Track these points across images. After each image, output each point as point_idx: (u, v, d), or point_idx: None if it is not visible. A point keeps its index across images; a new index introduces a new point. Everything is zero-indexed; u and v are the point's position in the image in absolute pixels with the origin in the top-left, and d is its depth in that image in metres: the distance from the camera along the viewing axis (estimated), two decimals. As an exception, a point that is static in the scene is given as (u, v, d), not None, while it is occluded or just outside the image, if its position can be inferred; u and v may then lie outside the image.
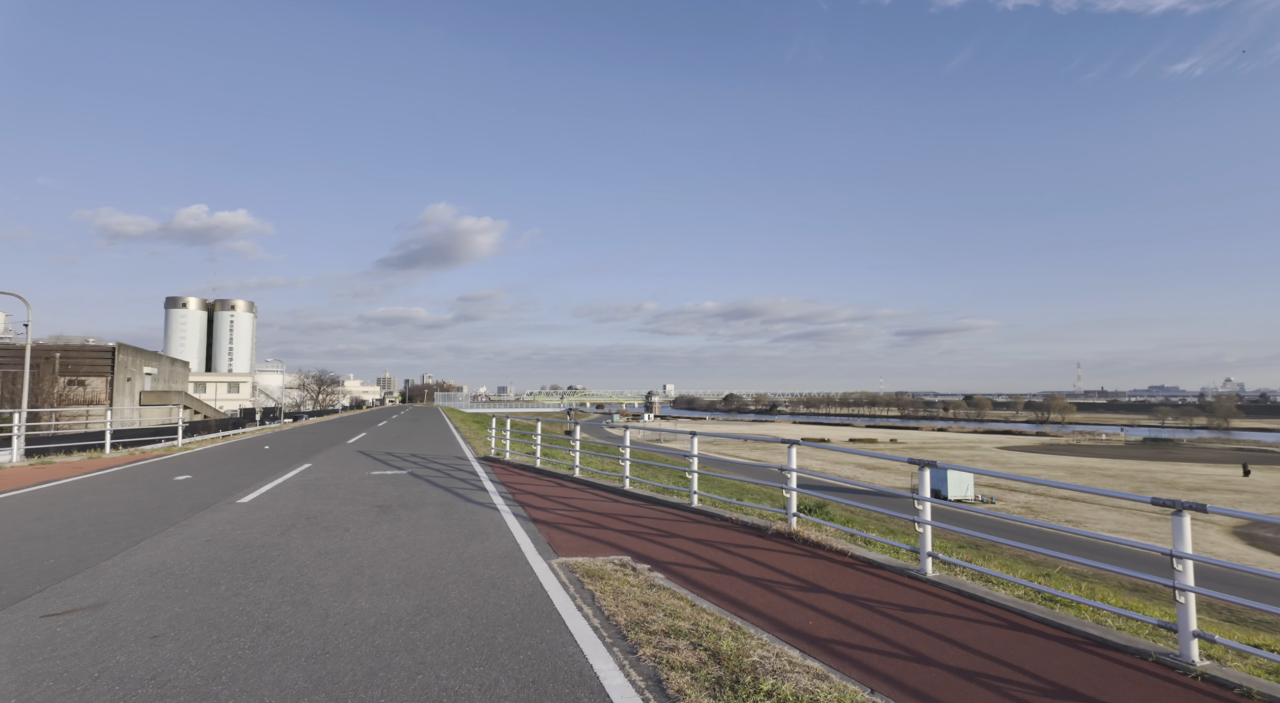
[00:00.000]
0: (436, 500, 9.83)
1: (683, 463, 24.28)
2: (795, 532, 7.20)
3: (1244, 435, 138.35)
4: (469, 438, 25.06)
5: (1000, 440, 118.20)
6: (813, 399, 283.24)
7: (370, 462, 15.64)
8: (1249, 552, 34.24)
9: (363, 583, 5.51)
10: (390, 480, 12.16)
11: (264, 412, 57.47)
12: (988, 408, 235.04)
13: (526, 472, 13.48)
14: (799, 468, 7.52)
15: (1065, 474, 66.57)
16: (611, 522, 8.19)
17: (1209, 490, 54.28)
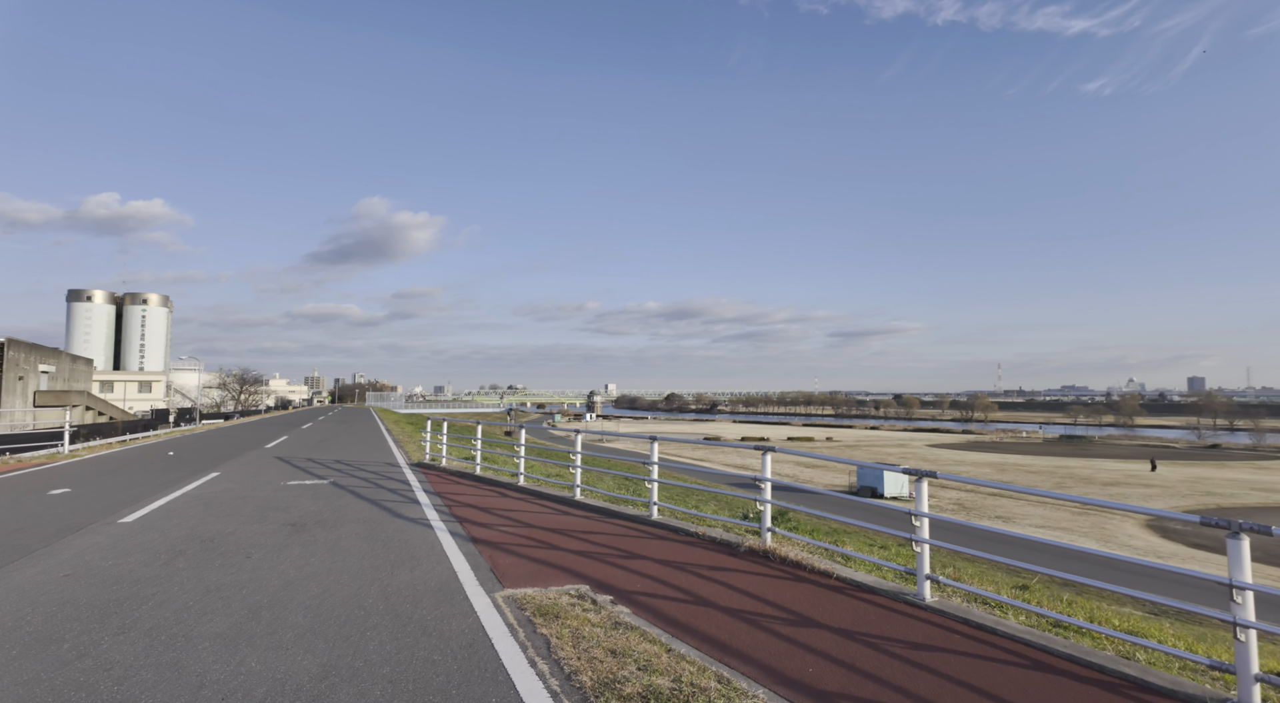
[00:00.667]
0: (361, 516, 8.65)
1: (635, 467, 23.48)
2: (770, 549, 6.45)
3: (1147, 432, 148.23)
4: (402, 441, 23.51)
5: (929, 438, 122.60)
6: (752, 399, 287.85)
7: (288, 470, 14.13)
8: (1163, 544, 36.05)
9: (258, 632, 4.42)
10: (309, 492, 10.82)
11: (179, 413, 53.47)
12: (916, 407, 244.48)
13: (465, 480, 12.35)
14: (739, 467, 6.80)
15: (992, 471, 69.23)
16: (564, 540, 7.26)
17: (1123, 485, 57.37)
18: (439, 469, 13.87)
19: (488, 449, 13.24)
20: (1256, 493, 52.90)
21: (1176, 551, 34.27)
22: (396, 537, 7.38)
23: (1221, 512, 46.44)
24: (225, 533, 7.60)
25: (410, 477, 12.85)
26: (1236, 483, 59.46)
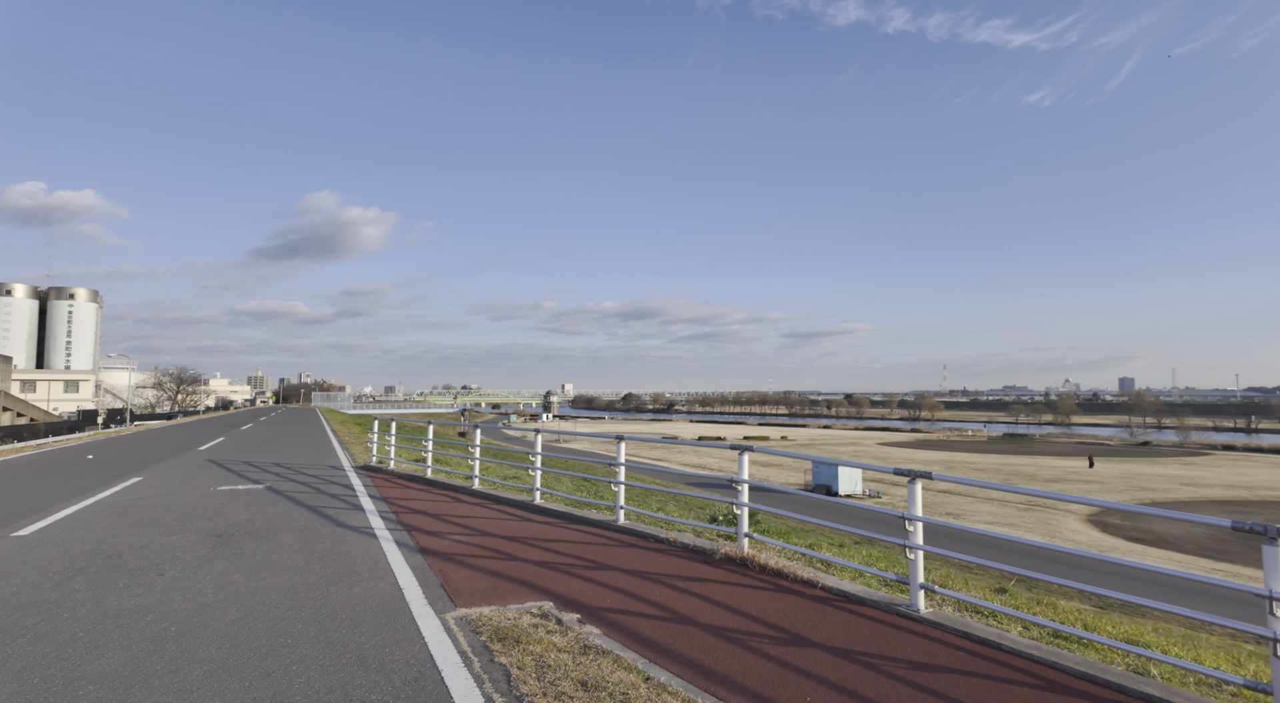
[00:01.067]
0: (297, 525, 7.85)
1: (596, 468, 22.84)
2: (748, 556, 5.99)
3: (1083, 430, 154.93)
4: (348, 443, 22.36)
5: (880, 437, 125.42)
6: (708, 398, 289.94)
7: (221, 473, 13.07)
8: (1104, 538, 37.31)
9: (158, 669, 3.70)
10: (241, 498, 9.90)
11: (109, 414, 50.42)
12: (866, 406, 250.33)
13: (415, 484, 11.57)
14: (697, 467, 6.36)
15: (941, 468, 70.92)
16: (524, 549, 6.65)
17: (1064, 481, 59.45)
18: (387, 473, 13.03)
19: (440, 451, 12.50)
20: (1186, 488, 55.48)
21: (1116, 544, 35.51)
22: (336, 548, 6.65)
23: (1152, 506, 48.53)
24: (137, 547, 6.73)
25: (355, 481, 11.99)
26: (1167, 478, 62.28)
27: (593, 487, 13.64)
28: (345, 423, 41.43)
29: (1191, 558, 32.43)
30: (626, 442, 7.85)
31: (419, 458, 14.18)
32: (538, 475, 9.29)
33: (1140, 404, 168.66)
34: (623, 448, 7.77)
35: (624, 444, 7.78)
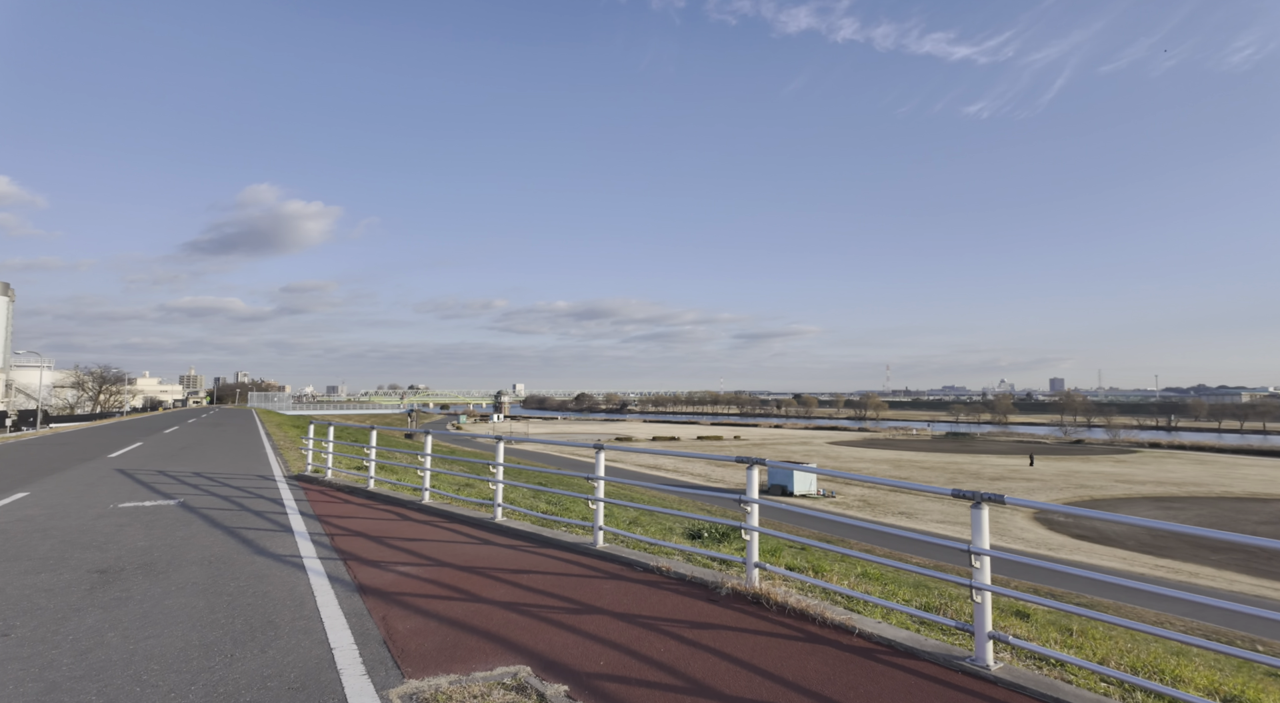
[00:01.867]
0: (207, 554, 6.50)
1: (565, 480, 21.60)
2: (761, 593, 5.00)
3: (1019, 429, 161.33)
4: (283, 448, 20.54)
5: (829, 436, 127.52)
6: (661, 398, 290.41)
7: (127, 486, 11.39)
8: (1050, 536, 38.09)
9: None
10: (145, 518, 8.41)
11: (20, 415, 46.29)
12: (814, 406, 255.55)
13: (356, 497, 10.22)
14: (651, 467, 5.38)
15: (890, 467, 72.11)
16: (487, 584, 5.51)
17: (1007, 479, 61.06)
18: (323, 484, 11.60)
19: (384, 459, 11.16)
20: (1121, 485, 57.63)
21: (1064, 542, 36.28)
22: (252, 587, 5.37)
23: (1094, 503, 50.21)
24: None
25: (286, 494, 10.54)
26: (1102, 476, 64.73)
27: (561, 499, 12.50)
28: (282, 425, 38.96)
29: (1133, 554, 33.37)
30: (562, 444, 6.79)
31: (361, 466, 12.77)
32: (499, 489, 8.12)
33: (1071, 404, 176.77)
34: (601, 460, 6.71)
35: (603, 455, 6.72)
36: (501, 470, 8.05)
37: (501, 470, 8.05)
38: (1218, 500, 50.84)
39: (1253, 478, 64.26)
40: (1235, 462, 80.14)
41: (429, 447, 9.38)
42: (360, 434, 34.09)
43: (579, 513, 10.22)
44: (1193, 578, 28.90)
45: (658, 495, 36.66)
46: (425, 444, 9.29)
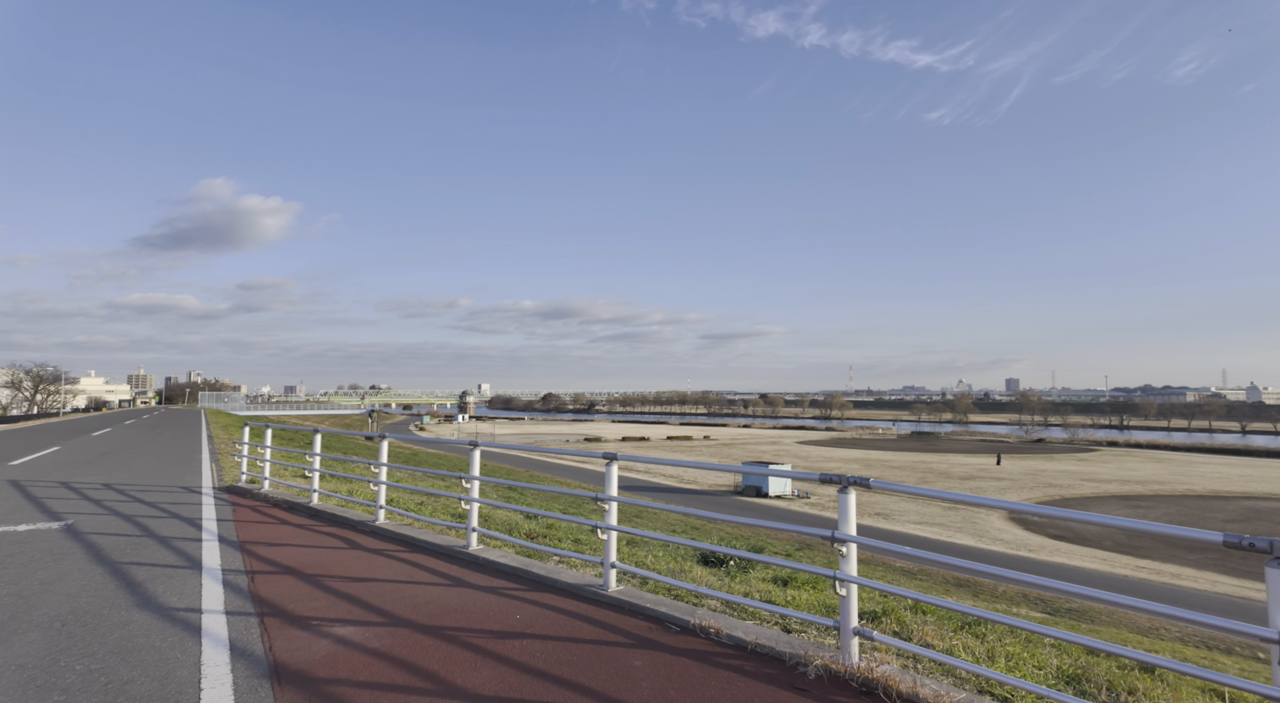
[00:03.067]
0: (65, 609, 4.68)
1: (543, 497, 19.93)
2: (870, 676, 3.43)
3: (979, 428, 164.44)
4: (222, 453, 18.33)
5: (797, 435, 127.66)
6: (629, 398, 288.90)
7: (9, 503, 9.32)
8: (1029, 537, 37.70)
9: None
10: (6, 549, 6.49)
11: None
12: (781, 405, 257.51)
13: (296, 515, 8.41)
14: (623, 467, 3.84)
15: (860, 467, 71.82)
16: (463, 659, 3.84)
17: (976, 478, 61.16)
18: (259, 498, 9.72)
19: (337, 465, 9.35)
20: (1088, 484, 58.13)
21: (1044, 543, 35.88)
22: (106, 674, 3.60)
23: (1064, 502, 50.36)
24: None
25: (209, 512, 8.65)
26: (1068, 474, 65.38)
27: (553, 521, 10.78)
28: (229, 427, 36.24)
29: (1113, 555, 33.08)
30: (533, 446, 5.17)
31: (306, 475, 10.90)
32: (474, 511, 6.42)
33: (1029, 404, 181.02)
34: (613, 474, 5.08)
35: (615, 468, 5.09)
36: (477, 486, 6.36)
37: (477, 486, 6.36)
38: (1182, 498, 51.52)
39: (1209, 476, 65.70)
40: (1190, 459, 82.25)
41: (384, 453, 7.60)
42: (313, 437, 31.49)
43: (571, 536, 8.57)
44: (1175, 580, 28.56)
45: (636, 503, 34.51)
46: (381, 451, 7.52)
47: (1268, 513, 44.79)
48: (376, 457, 7.47)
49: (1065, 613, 23.00)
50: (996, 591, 25.17)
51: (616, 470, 5.12)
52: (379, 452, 7.42)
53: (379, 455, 7.45)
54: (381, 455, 7.44)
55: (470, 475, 6.32)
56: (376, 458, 7.57)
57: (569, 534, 8.67)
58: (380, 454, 7.45)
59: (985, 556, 32.69)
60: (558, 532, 8.76)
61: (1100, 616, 22.61)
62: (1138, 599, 2.89)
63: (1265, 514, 44.33)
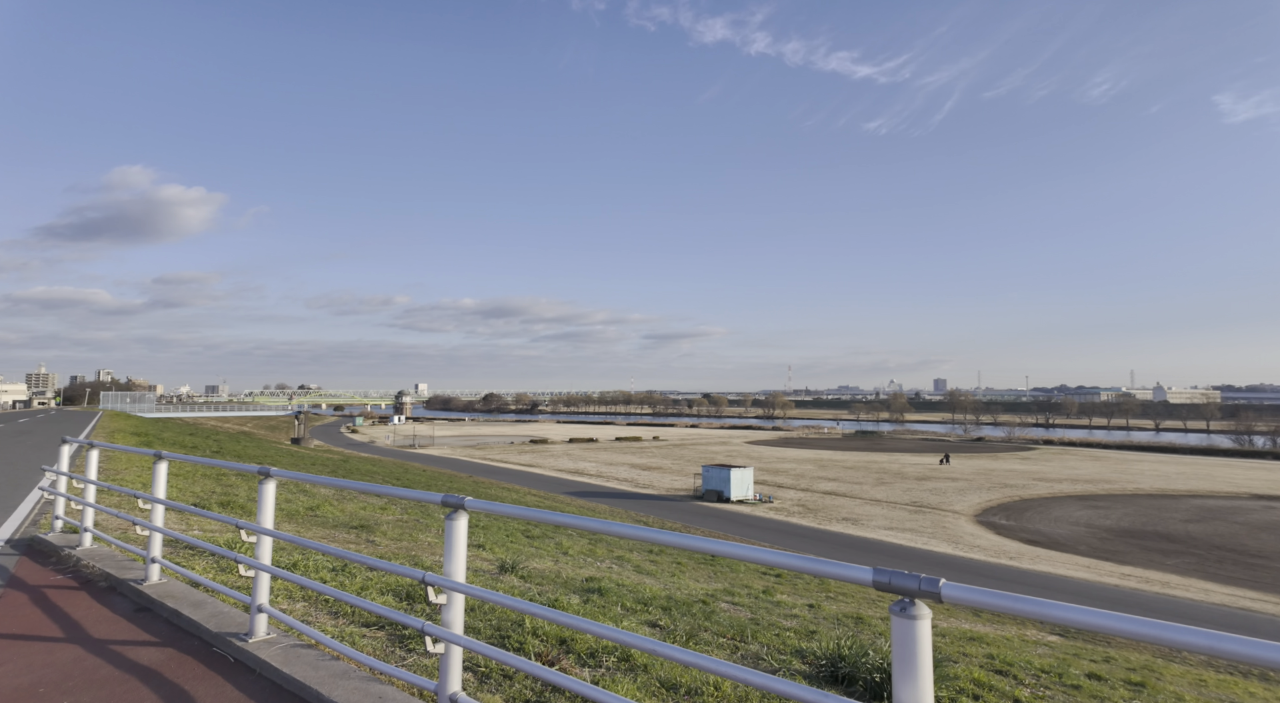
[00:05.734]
0: None
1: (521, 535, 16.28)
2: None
3: (915, 427, 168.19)
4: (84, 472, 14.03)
5: (746, 436, 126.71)
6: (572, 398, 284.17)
7: None
8: (1005, 542, 36.32)
9: None
10: None
11: None
12: (725, 405, 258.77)
13: (107, 608, 4.84)
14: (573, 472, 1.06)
15: (814, 467, 70.62)
16: None
17: (933, 479, 60.54)
18: (65, 565, 6.01)
19: (233, 494, 5.78)
20: (1042, 483, 58.21)
21: (1020, 549, 34.50)
22: None
23: (1023, 502, 49.92)
24: None
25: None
26: (1016, 473, 65.76)
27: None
28: (123, 434, 30.95)
29: (1095, 561, 31.91)
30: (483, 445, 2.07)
31: (201, 502, 7.18)
32: (261, 584, 3.06)
33: (960, 403, 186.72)
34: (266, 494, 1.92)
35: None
36: (269, 547, 3.04)
37: (269, 547, 3.04)
38: (1133, 498, 51.90)
39: (1149, 474, 67.33)
40: (1125, 458, 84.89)
41: (268, 505, 4.08)
42: (229, 443, 26.92)
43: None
44: (1165, 588, 27.35)
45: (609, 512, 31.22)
46: (263, 501, 4.02)
47: (1219, 512, 45.28)
48: (258, 510, 3.98)
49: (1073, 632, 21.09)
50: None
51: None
52: (260, 503, 3.94)
53: (260, 510, 3.96)
54: (263, 510, 3.95)
55: (259, 527, 3.01)
56: (258, 511, 4.07)
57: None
58: (262, 506, 3.97)
59: (965, 564, 30.92)
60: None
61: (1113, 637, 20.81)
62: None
63: (1218, 513, 44.77)
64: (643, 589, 9.33)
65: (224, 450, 27.74)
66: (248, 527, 3.88)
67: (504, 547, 12.92)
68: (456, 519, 3.06)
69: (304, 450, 54.68)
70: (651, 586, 9.84)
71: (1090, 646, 18.06)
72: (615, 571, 13.87)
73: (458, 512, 3.09)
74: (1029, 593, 10.12)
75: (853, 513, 44.49)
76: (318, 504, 14.08)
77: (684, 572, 17.68)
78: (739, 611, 9.07)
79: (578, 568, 12.61)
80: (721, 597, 10.76)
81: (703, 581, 16.80)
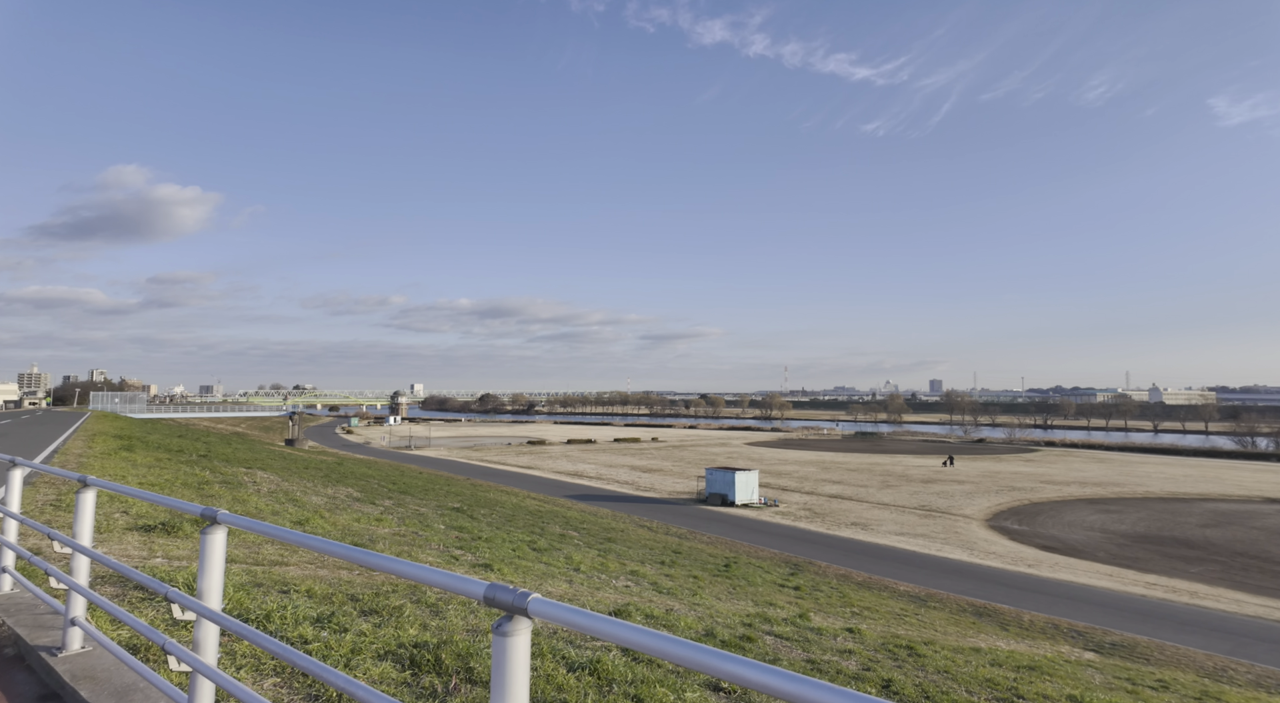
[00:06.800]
0: None
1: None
2: None
3: (915, 428, 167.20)
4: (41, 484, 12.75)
5: (745, 437, 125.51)
6: (569, 399, 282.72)
7: None
8: (1022, 549, 35.22)
9: None
10: None
11: None
12: (722, 405, 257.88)
13: (16, 685, 3.64)
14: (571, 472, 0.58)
15: (817, 469, 69.55)
16: None
17: (939, 482, 59.49)
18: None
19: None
20: (1049, 486, 57.17)
21: (1038, 556, 33.38)
22: None
23: (1033, 506, 48.86)
24: None
25: None
26: (1021, 476, 64.73)
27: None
28: (105, 437, 29.58)
29: (1117, 570, 30.84)
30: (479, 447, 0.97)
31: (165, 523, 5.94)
32: None
33: (958, 404, 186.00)
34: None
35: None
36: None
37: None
38: (1144, 501, 50.91)
39: (1155, 476, 66.39)
40: (1129, 459, 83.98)
41: (212, 560, 2.87)
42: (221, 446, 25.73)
43: None
44: (1194, 599, 26.25)
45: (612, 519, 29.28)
46: (205, 555, 2.81)
47: (1235, 516, 44.31)
48: (199, 573, 2.77)
49: (1109, 648, 19.95)
50: (1023, 620, 22.02)
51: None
52: (202, 560, 2.73)
53: (202, 571, 2.74)
54: (207, 573, 2.74)
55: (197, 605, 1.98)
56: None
57: None
58: (205, 566, 2.75)
59: (984, 572, 29.80)
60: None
61: (1152, 653, 19.64)
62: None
63: (1234, 517, 43.79)
64: (674, 620, 8.15)
65: (213, 454, 26.43)
66: (180, 600, 2.64)
67: (513, 566, 11.69)
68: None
69: (298, 453, 53.26)
70: (684, 616, 8.64)
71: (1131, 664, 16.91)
72: (634, 590, 12.67)
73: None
74: (1055, 603, 8.59)
75: (861, 518, 43.38)
76: (308, 517, 12.86)
77: (703, 586, 16.48)
78: (788, 648, 7.89)
79: (594, 590, 11.40)
80: (759, 624, 9.59)
81: (724, 597, 15.59)
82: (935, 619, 19.08)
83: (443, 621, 5.44)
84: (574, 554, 16.40)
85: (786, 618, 11.04)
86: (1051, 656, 14.79)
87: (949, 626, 18.15)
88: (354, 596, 5.90)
